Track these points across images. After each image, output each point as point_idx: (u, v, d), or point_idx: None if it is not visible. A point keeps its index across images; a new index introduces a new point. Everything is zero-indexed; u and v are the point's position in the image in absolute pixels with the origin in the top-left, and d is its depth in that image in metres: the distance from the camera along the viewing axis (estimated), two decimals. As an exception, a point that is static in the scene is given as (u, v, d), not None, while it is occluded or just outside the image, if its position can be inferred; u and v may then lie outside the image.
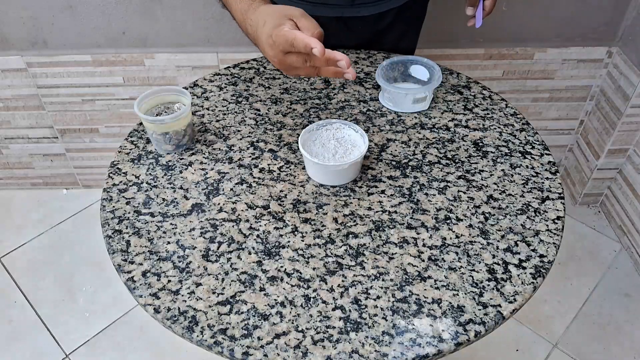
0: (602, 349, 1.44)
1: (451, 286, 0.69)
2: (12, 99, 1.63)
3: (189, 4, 1.44)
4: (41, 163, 1.82)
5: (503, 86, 1.63)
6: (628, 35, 1.50)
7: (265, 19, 0.75)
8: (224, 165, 0.86)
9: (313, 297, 0.67)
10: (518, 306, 0.67)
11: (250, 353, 0.62)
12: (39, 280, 1.61)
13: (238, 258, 0.72)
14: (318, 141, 0.84)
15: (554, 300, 1.55)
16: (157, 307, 0.66)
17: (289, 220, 0.77)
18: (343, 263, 0.71)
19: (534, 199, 0.80)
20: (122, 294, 1.57)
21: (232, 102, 0.99)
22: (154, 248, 0.73)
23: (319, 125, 0.85)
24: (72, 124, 1.71)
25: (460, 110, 0.97)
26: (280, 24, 0.72)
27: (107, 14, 1.45)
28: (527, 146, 0.89)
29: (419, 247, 0.73)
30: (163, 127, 0.84)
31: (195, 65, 1.56)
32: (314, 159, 0.78)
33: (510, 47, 1.54)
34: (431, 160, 0.87)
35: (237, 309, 0.66)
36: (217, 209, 0.79)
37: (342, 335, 0.64)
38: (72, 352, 1.44)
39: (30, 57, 1.54)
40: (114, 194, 0.82)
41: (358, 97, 1.00)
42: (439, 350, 0.62)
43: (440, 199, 0.80)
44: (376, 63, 1.08)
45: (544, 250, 0.73)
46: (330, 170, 0.80)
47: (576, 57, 1.56)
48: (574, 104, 1.69)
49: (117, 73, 1.57)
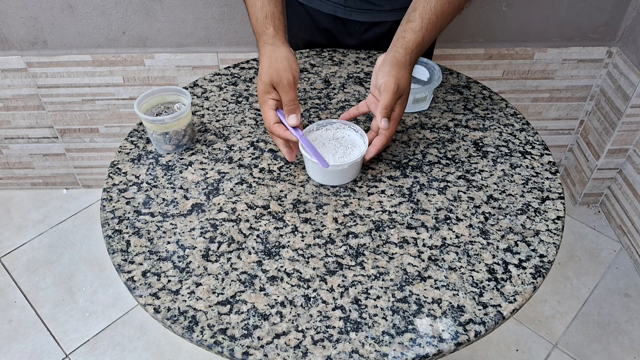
0: (602, 349, 1.44)
1: (451, 286, 0.69)
2: (12, 99, 1.63)
3: (189, 4, 1.44)
4: (41, 163, 1.82)
5: (503, 86, 1.63)
6: (628, 35, 1.50)
7: (260, 72, 0.82)
8: (224, 165, 0.86)
9: (313, 297, 0.67)
10: (518, 306, 0.67)
11: (250, 353, 0.62)
12: (39, 280, 1.61)
13: (238, 258, 0.72)
14: (318, 141, 0.84)
15: (554, 300, 1.55)
16: (157, 307, 0.66)
17: (289, 220, 0.77)
18: (343, 263, 0.71)
19: (534, 199, 0.80)
20: (122, 294, 1.57)
21: (232, 102, 0.99)
22: (154, 248, 0.73)
23: (319, 125, 0.85)
24: (72, 124, 1.71)
25: (460, 110, 0.97)
26: (267, 91, 0.81)
27: (107, 14, 1.45)
28: (527, 146, 0.89)
29: (419, 247, 0.73)
30: (163, 127, 0.84)
31: (195, 65, 1.56)
32: (314, 158, 0.78)
33: (510, 47, 1.54)
34: (431, 160, 0.87)
35: (237, 309, 0.66)
36: (217, 209, 0.79)
37: (342, 335, 0.64)
38: (72, 352, 1.44)
39: (30, 57, 1.54)
40: (114, 194, 0.82)
41: (358, 97, 1.00)
42: (439, 350, 0.62)
43: (440, 199, 0.80)
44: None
45: (544, 250, 0.73)
46: (329, 170, 0.80)
47: (576, 57, 1.56)
48: (574, 104, 1.69)
49: (117, 73, 1.57)
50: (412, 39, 0.81)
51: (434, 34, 0.83)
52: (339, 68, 1.07)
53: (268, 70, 0.80)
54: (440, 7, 0.81)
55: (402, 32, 0.82)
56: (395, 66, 0.79)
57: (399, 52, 0.80)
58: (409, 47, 0.81)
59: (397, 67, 0.79)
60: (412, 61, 0.81)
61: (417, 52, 0.82)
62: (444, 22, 0.83)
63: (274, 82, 0.80)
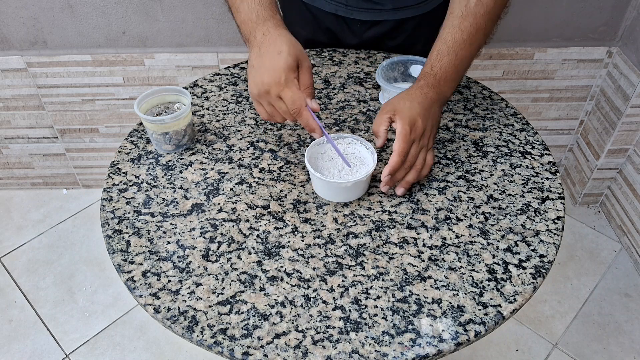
0: (602, 349, 1.44)
1: (451, 286, 0.69)
2: (12, 99, 1.63)
3: (189, 4, 1.44)
4: (41, 163, 1.82)
5: (503, 86, 1.63)
6: (628, 35, 1.50)
7: (281, 49, 0.74)
8: (224, 165, 0.86)
9: (313, 297, 0.67)
10: (518, 306, 0.67)
11: (250, 353, 0.62)
12: (39, 280, 1.61)
13: (238, 258, 0.72)
14: (326, 155, 0.81)
15: (554, 300, 1.55)
16: (157, 307, 0.66)
17: (289, 220, 0.77)
18: (343, 263, 0.71)
19: (534, 199, 0.80)
20: (122, 294, 1.57)
21: (232, 102, 0.99)
22: (154, 248, 0.73)
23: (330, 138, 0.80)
24: (72, 124, 1.71)
25: (460, 110, 0.97)
26: (293, 69, 0.74)
27: (107, 14, 1.45)
28: (527, 146, 0.89)
29: (419, 247, 0.73)
30: (163, 127, 0.84)
31: (195, 65, 1.56)
32: (317, 173, 0.76)
33: (510, 47, 1.54)
34: (431, 160, 0.87)
35: (237, 309, 0.66)
36: (217, 209, 0.79)
37: (342, 335, 0.64)
38: (72, 352, 1.44)
39: (30, 57, 1.54)
40: (114, 194, 0.82)
41: (358, 97, 1.00)
42: (439, 350, 0.62)
43: (440, 199, 0.80)
44: (376, 63, 1.08)
45: (544, 250, 0.73)
46: (333, 186, 0.77)
47: (576, 57, 1.56)
48: (574, 104, 1.69)
49: (117, 73, 1.57)
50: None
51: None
52: (339, 68, 1.07)
53: (292, 49, 0.74)
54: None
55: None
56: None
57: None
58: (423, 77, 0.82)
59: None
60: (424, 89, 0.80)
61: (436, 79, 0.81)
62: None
63: (300, 60, 0.75)
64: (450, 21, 0.81)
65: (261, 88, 0.74)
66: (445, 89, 0.81)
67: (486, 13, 0.79)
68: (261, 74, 0.74)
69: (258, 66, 0.75)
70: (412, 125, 0.75)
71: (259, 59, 0.75)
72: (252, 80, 0.76)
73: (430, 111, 0.77)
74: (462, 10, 0.80)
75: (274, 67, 0.73)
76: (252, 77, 0.76)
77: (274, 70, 0.73)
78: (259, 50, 0.76)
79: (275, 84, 0.73)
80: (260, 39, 0.77)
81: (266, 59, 0.74)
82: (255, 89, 0.76)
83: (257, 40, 0.77)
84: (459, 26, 0.80)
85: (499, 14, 0.81)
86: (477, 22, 0.79)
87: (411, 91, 0.79)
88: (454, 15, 0.81)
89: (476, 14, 0.79)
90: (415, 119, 0.75)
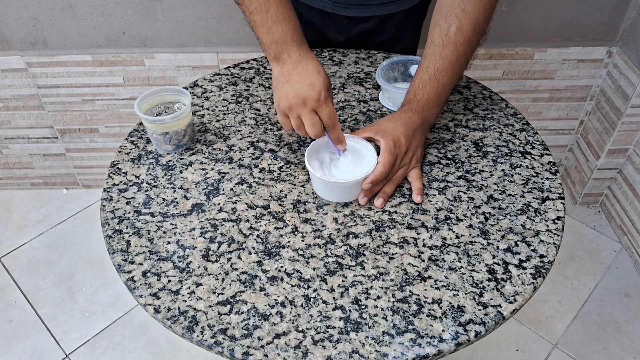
0: (602, 349, 1.44)
1: (451, 286, 0.69)
2: (12, 99, 1.63)
3: (189, 4, 1.44)
4: (41, 163, 1.82)
5: (503, 86, 1.63)
6: (628, 35, 1.50)
7: (319, 70, 0.79)
8: (224, 165, 0.86)
9: (313, 297, 0.67)
10: (518, 306, 0.67)
11: (250, 353, 0.62)
12: (39, 280, 1.61)
13: (238, 258, 0.72)
14: (327, 155, 0.81)
15: (554, 300, 1.55)
16: (157, 307, 0.66)
17: (289, 220, 0.77)
18: (343, 263, 0.71)
19: (534, 199, 0.80)
20: (122, 294, 1.57)
21: (232, 102, 0.99)
22: (154, 248, 0.73)
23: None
24: (72, 124, 1.71)
25: (460, 110, 0.97)
26: (330, 89, 0.79)
27: (107, 14, 1.45)
28: (527, 146, 0.89)
29: (419, 247, 0.73)
30: (163, 127, 0.84)
31: (195, 65, 1.56)
32: (317, 173, 0.76)
33: (510, 47, 1.54)
34: (431, 160, 0.87)
35: (237, 309, 0.66)
36: (217, 209, 0.79)
37: (342, 335, 0.64)
38: (72, 352, 1.44)
39: (30, 57, 1.54)
40: (114, 194, 0.82)
41: (358, 97, 1.00)
42: (439, 351, 0.62)
43: (441, 199, 0.80)
44: (376, 63, 1.08)
45: (544, 251, 0.73)
46: (333, 186, 0.77)
47: (576, 57, 1.56)
48: (574, 104, 1.69)
49: (117, 73, 1.57)
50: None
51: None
52: (339, 68, 1.07)
53: (326, 74, 0.80)
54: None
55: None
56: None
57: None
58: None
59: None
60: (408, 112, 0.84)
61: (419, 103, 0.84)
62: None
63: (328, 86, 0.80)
64: (431, 50, 0.84)
65: (296, 101, 0.78)
66: (429, 115, 0.85)
67: (466, 41, 0.82)
68: (298, 88, 0.78)
69: (295, 81, 0.79)
70: (396, 142, 0.79)
71: (297, 76, 0.79)
72: (284, 92, 0.79)
73: (414, 132, 0.82)
74: (443, 39, 0.82)
75: (314, 84, 0.77)
76: (286, 90, 0.79)
77: (314, 86, 0.77)
78: (294, 68, 0.80)
79: (314, 99, 0.77)
80: (296, 58, 0.81)
81: (305, 76, 0.78)
82: (287, 101, 0.78)
83: (292, 59, 0.81)
84: (439, 54, 0.83)
85: (477, 41, 0.84)
86: (458, 50, 0.82)
87: (395, 114, 0.84)
88: (435, 44, 0.83)
89: (456, 42, 0.82)
90: (398, 137, 0.79)
